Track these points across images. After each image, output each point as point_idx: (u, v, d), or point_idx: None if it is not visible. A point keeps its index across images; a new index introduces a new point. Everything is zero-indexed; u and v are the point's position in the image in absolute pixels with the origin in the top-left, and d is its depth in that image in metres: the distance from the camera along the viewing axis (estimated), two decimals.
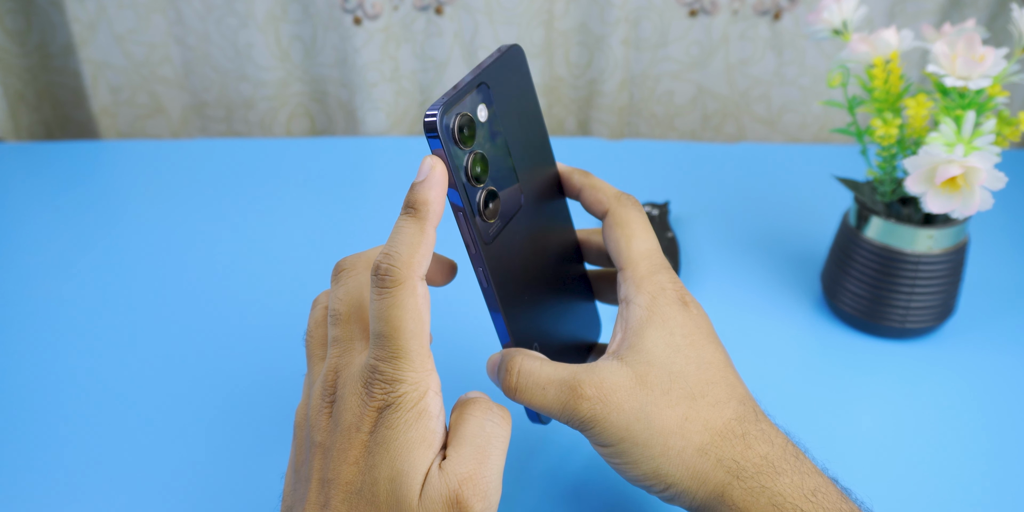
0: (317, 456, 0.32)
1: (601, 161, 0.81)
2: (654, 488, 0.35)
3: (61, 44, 0.88)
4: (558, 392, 0.34)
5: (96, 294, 0.60)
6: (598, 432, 0.34)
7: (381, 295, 0.31)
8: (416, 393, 0.31)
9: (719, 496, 0.34)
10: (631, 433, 0.34)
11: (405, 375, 0.31)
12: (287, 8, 0.85)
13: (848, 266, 0.55)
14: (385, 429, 0.30)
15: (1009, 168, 0.80)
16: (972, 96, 0.48)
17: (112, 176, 0.77)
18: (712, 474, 0.34)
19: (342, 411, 0.32)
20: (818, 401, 0.51)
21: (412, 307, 0.31)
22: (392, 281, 0.31)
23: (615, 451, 0.34)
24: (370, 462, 0.30)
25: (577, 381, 0.34)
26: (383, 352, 0.31)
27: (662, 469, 0.34)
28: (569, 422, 0.34)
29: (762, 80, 0.89)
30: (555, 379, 0.34)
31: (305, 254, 0.65)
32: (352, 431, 0.31)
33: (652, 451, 0.34)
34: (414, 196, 0.32)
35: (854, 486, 0.45)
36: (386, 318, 0.31)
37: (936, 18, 0.85)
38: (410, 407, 0.30)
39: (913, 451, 0.47)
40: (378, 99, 0.86)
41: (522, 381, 0.35)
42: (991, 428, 0.49)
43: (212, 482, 0.45)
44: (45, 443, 0.47)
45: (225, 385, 0.52)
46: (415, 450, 0.30)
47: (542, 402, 0.34)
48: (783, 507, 0.33)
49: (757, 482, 0.34)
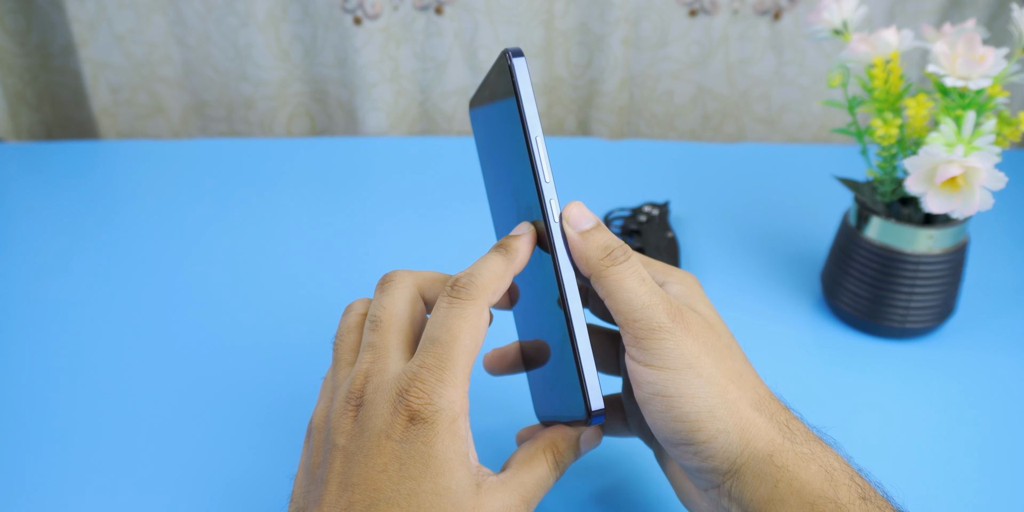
0: (338, 459, 0.32)
1: (601, 161, 0.81)
2: (697, 436, 0.33)
3: (61, 44, 0.88)
4: (654, 291, 0.34)
5: (96, 294, 0.60)
6: (671, 346, 0.33)
7: (452, 304, 0.32)
8: (451, 412, 0.31)
9: (767, 456, 0.33)
10: (699, 361, 0.33)
11: (445, 390, 0.31)
12: (287, 8, 0.85)
13: (848, 266, 0.55)
14: (421, 444, 0.30)
15: (1009, 168, 0.80)
16: (972, 96, 0.48)
17: (112, 176, 0.77)
18: (764, 431, 0.33)
19: (370, 416, 0.31)
20: (818, 401, 0.51)
21: (476, 324, 0.32)
22: (467, 294, 0.32)
23: (676, 379, 0.33)
24: (405, 473, 0.30)
25: (666, 296, 0.34)
26: (431, 359, 0.31)
27: (717, 412, 0.33)
28: (646, 320, 0.33)
29: (762, 80, 0.89)
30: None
31: (305, 254, 0.65)
32: (381, 438, 0.31)
33: (713, 389, 0.33)
34: (510, 241, 0.34)
35: None
36: (449, 326, 0.31)
37: (936, 18, 0.85)
38: (446, 425, 0.31)
39: (913, 451, 0.47)
40: (378, 99, 0.86)
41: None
42: (991, 428, 0.49)
43: (212, 482, 0.45)
44: (45, 443, 0.47)
45: (225, 385, 0.52)
46: (457, 469, 0.31)
47: (639, 291, 0.34)
48: (833, 474, 0.32)
49: (809, 448, 0.33)
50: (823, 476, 0.32)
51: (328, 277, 0.63)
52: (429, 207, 0.72)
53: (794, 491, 0.32)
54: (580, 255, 0.34)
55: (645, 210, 0.68)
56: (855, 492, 0.32)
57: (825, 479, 0.32)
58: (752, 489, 0.33)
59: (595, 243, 0.34)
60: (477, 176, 0.78)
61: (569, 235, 0.34)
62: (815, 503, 0.32)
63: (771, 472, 0.33)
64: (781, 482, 0.32)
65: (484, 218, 0.71)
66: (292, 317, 0.58)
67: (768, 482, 0.32)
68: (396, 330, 0.34)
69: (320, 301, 0.60)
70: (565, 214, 0.34)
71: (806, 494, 0.32)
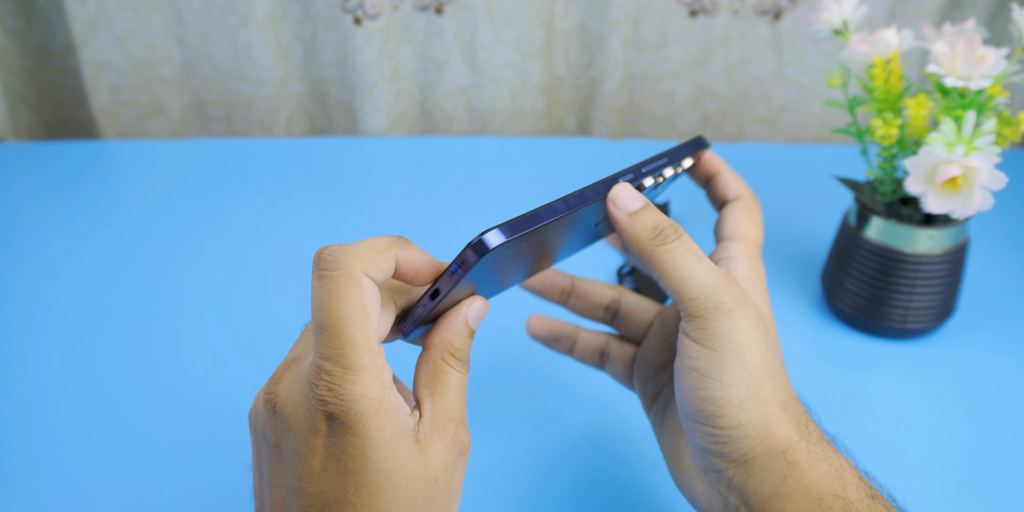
0: (274, 458, 0.30)
1: (601, 161, 0.81)
2: (719, 422, 0.33)
3: (61, 44, 0.88)
4: (712, 268, 0.34)
5: (96, 294, 0.60)
6: (727, 329, 0.33)
7: (322, 283, 0.28)
8: (369, 398, 0.28)
9: (781, 452, 0.33)
10: (748, 351, 0.33)
11: (355, 376, 0.28)
12: (287, 8, 0.85)
13: (848, 266, 0.55)
14: (351, 437, 0.28)
15: (1009, 168, 0.80)
16: (972, 96, 0.48)
17: (112, 176, 0.77)
18: (784, 429, 0.33)
19: (290, 415, 0.29)
20: (818, 401, 0.51)
21: (356, 297, 0.28)
22: (334, 265, 0.28)
23: (720, 363, 0.33)
24: (345, 469, 0.28)
25: (727, 276, 0.34)
26: (329, 349, 0.28)
27: (747, 405, 0.33)
28: (704, 298, 0.33)
29: (762, 80, 0.89)
30: (707, 258, 0.35)
31: (305, 254, 0.65)
32: (308, 436, 0.29)
33: (751, 381, 0.33)
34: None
35: None
36: (328, 308, 0.28)
37: (936, 18, 0.85)
38: (371, 410, 0.28)
39: (913, 451, 0.47)
40: (378, 99, 0.86)
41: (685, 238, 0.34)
42: (991, 428, 0.49)
43: (212, 482, 0.45)
44: (45, 443, 0.47)
45: (225, 384, 0.52)
46: (399, 444, 0.29)
47: (695, 268, 0.33)
48: (843, 473, 0.33)
49: (821, 448, 0.34)
50: (833, 474, 0.33)
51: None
52: (429, 207, 0.72)
53: (802, 488, 0.32)
54: (630, 236, 0.34)
55: None
56: (863, 491, 0.32)
57: (835, 477, 0.33)
58: (757, 481, 0.33)
59: (644, 223, 0.34)
60: (477, 176, 0.78)
61: (617, 217, 0.34)
62: (824, 499, 0.32)
63: (781, 467, 0.33)
64: (790, 477, 0.33)
65: (484, 218, 0.71)
66: (292, 317, 0.58)
67: (776, 476, 0.33)
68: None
69: None
70: (611, 196, 0.33)
71: (815, 491, 0.32)
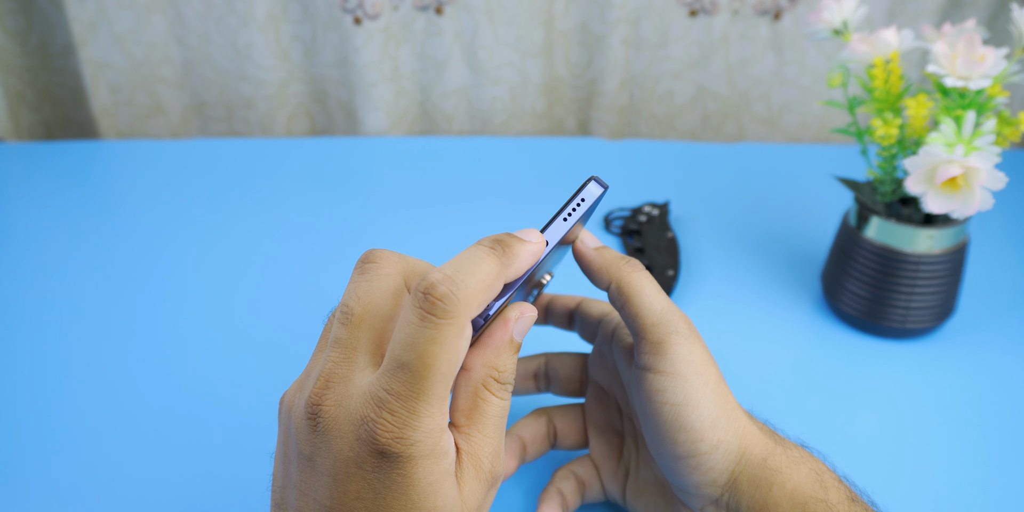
0: (304, 467, 0.28)
1: (601, 161, 0.81)
2: (700, 447, 0.34)
3: (61, 44, 0.88)
4: (668, 299, 0.36)
5: (96, 294, 0.60)
6: (685, 352, 0.35)
7: (425, 324, 0.26)
8: (430, 441, 0.26)
9: (762, 460, 0.34)
10: (706, 370, 0.35)
11: (421, 421, 0.26)
12: (287, 8, 0.85)
13: (848, 266, 0.55)
14: (398, 476, 0.26)
15: (1009, 168, 0.80)
16: (972, 96, 0.48)
17: (112, 176, 0.77)
18: (758, 437, 0.35)
19: (333, 436, 0.27)
20: (818, 401, 0.51)
21: (454, 348, 0.26)
22: (444, 312, 0.26)
23: (685, 386, 0.34)
24: (382, 502, 0.27)
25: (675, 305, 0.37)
26: (401, 388, 0.26)
27: (719, 422, 0.34)
28: (665, 324, 0.35)
29: (762, 80, 0.89)
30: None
31: (305, 254, 0.65)
32: (349, 465, 0.27)
33: (716, 398, 0.35)
34: (511, 241, 0.29)
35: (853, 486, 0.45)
36: (420, 352, 0.26)
37: (936, 18, 0.85)
38: (426, 452, 0.26)
39: (913, 451, 0.47)
40: (378, 99, 0.86)
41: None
42: (991, 428, 0.49)
43: (211, 481, 0.45)
44: (45, 442, 0.47)
45: (225, 384, 0.52)
46: (443, 485, 0.27)
47: (658, 297, 0.36)
48: (823, 476, 0.34)
49: (798, 452, 0.35)
50: (814, 478, 0.34)
51: (328, 277, 0.63)
52: (429, 207, 0.72)
53: (787, 494, 0.33)
54: (600, 266, 0.36)
55: (645, 210, 0.68)
56: (844, 493, 0.34)
57: (815, 480, 0.34)
58: (749, 496, 0.34)
59: (611, 254, 0.37)
60: (477, 176, 0.78)
61: (584, 252, 0.37)
62: (807, 503, 0.33)
63: (766, 475, 0.34)
64: (775, 485, 0.34)
65: (483, 218, 0.71)
66: (292, 317, 0.58)
67: (763, 486, 0.34)
68: (368, 327, 0.29)
69: (319, 301, 0.60)
70: (579, 235, 0.37)
71: (798, 496, 0.33)
